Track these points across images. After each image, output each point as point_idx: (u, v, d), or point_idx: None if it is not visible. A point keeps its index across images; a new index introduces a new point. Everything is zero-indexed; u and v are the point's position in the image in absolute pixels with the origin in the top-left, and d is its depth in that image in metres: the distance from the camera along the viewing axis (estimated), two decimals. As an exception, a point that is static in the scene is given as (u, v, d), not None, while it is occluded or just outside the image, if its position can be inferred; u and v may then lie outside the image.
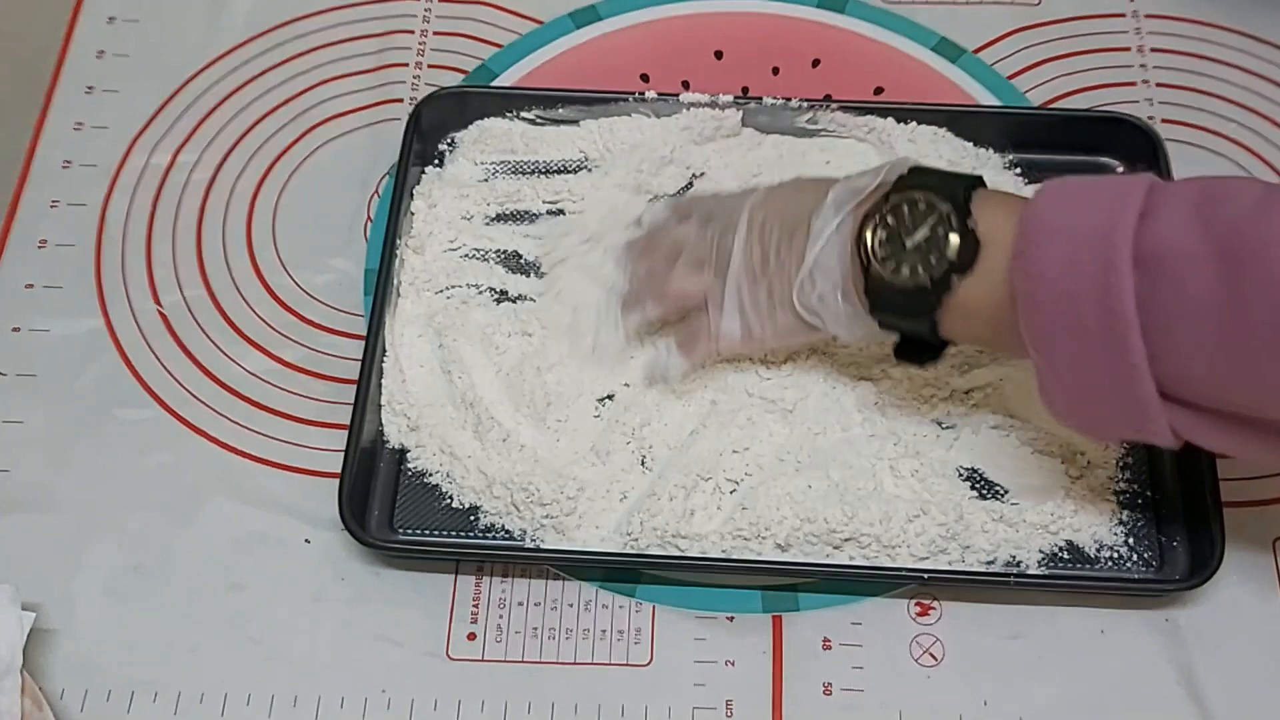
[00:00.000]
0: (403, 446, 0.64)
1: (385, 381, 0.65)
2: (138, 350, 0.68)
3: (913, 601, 0.60)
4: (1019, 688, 0.58)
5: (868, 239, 0.54)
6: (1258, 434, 0.49)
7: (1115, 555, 0.60)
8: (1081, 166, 0.70)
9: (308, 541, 0.62)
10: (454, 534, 0.62)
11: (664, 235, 0.64)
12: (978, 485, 0.62)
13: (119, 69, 0.77)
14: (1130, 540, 0.61)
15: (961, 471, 0.62)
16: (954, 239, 0.52)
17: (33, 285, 0.70)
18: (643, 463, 0.62)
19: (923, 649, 0.59)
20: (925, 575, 0.59)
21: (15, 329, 0.68)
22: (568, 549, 0.61)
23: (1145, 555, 0.60)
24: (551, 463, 0.62)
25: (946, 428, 0.63)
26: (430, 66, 0.77)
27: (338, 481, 0.60)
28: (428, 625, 0.60)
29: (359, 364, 0.64)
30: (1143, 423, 0.50)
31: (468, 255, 0.69)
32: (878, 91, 0.75)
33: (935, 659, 0.59)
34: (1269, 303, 0.45)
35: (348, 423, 0.62)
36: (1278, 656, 0.59)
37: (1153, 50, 0.76)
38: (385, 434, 0.64)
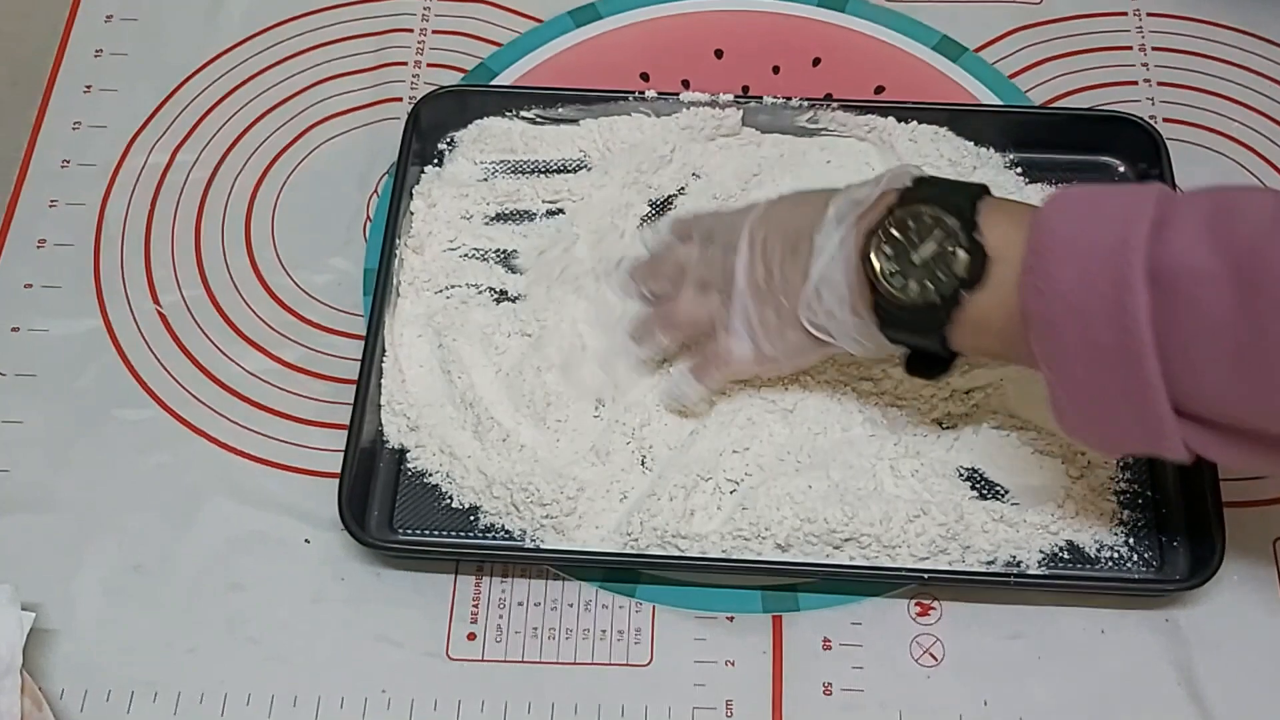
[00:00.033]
0: (402, 446, 0.64)
1: (385, 381, 0.65)
2: (137, 350, 0.68)
3: (913, 601, 0.60)
4: (1019, 688, 0.58)
5: (873, 256, 0.53)
6: (1273, 450, 0.48)
7: (1115, 555, 0.60)
8: (1083, 166, 0.70)
9: (307, 541, 0.62)
10: (454, 534, 0.62)
11: (666, 259, 0.63)
12: (978, 485, 0.62)
13: (117, 68, 0.77)
14: (1130, 540, 0.60)
15: (961, 471, 0.62)
16: (962, 255, 0.51)
17: (31, 285, 0.70)
18: (643, 463, 0.62)
19: (923, 649, 0.59)
20: (925, 575, 0.59)
21: (14, 329, 0.68)
22: (568, 549, 0.61)
23: (1145, 555, 0.60)
24: (551, 463, 0.62)
25: (946, 428, 0.63)
26: (429, 65, 0.77)
27: (337, 481, 0.60)
28: (428, 625, 0.60)
29: (358, 364, 0.64)
30: (1156, 439, 0.49)
31: (467, 255, 0.69)
32: (878, 90, 0.75)
33: (935, 659, 0.59)
34: None
35: (347, 423, 0.62)
36: (1278, 656, 0.59)
37: (1154, 49, 0.76)
38: (385, 434, 0.64)
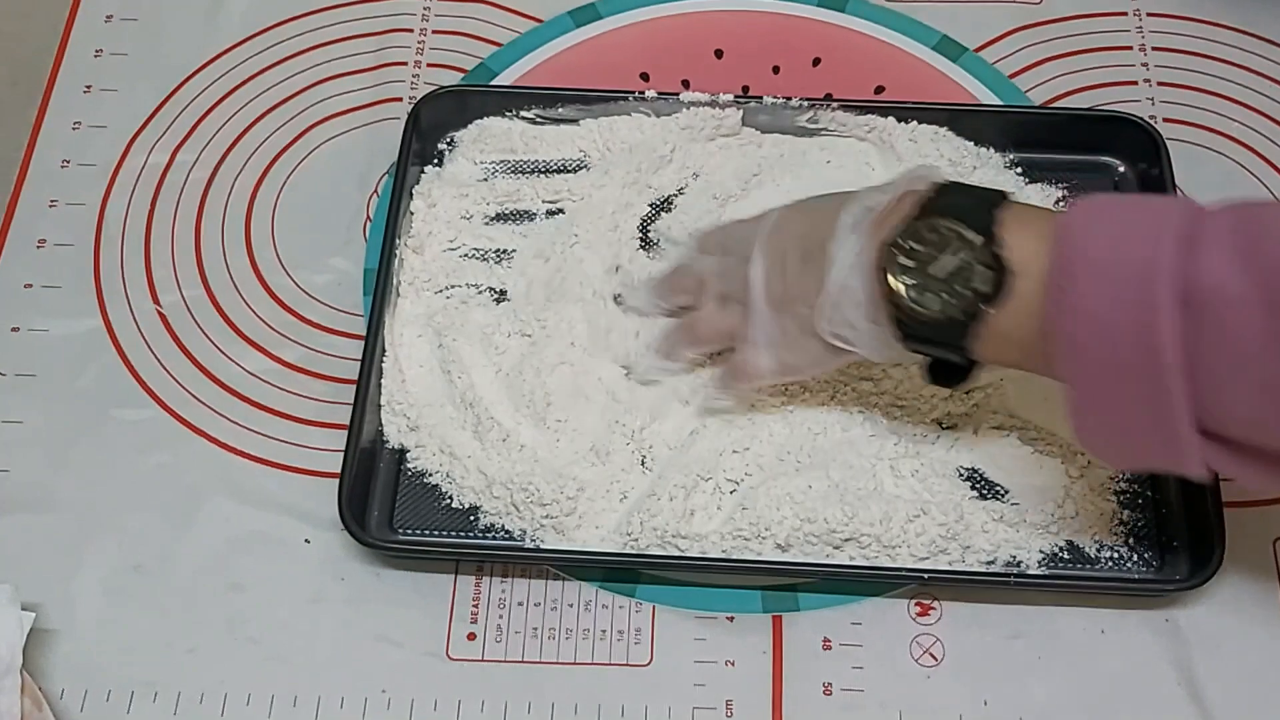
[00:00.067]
0: (402, 446, 0.64)
1: (385, 381, 0.65)
2: (137, 350, 0.68)
3: (913, 601, 0.60)
4: (1019, 688, 0.58)
5: (891, 271, 0.52)
6: None
7: (1115, 555, 0.60)
8: (1083, 166, 0.70)
9: (307, 541, 0.62)
10: (454, 534, 0.62)
11: (687, 272, 0.63)
12: (978, 485, 0.62)
13: (117, 68, 0.77)
14: (1130, 540, 0.60)
15: (961, 471, 0.62)
16: (984, 271, 0.50)
17: (31, 285, 0.70)
18: (643, 463, 0.62)
19: (923, 649, 0.59)
20: (925, 575, 0.59)
21: (14, 329, 0.68)
22: (568, 549, 0.61)
23: (1145, 555, 0.60)
24: (551, 463, 0.62)
25: (946, 428, 0.63)
26: (429, 65, 0.77)
27: (337, 481, 0.60)
28: (428, 625, 0.60)
29: (358, 364, 0.64)
30: (1177, 458, 0.48)
31: (467, 255, 0.69)
32: (878, 90, 0.75)
33: (935, 659, 0.59)
34: None
35: (347, 423, 0.62)
36: (1278, 656, 0.59)
37: (1154, 49, 0.76)
38: (385, 434, 0.64)
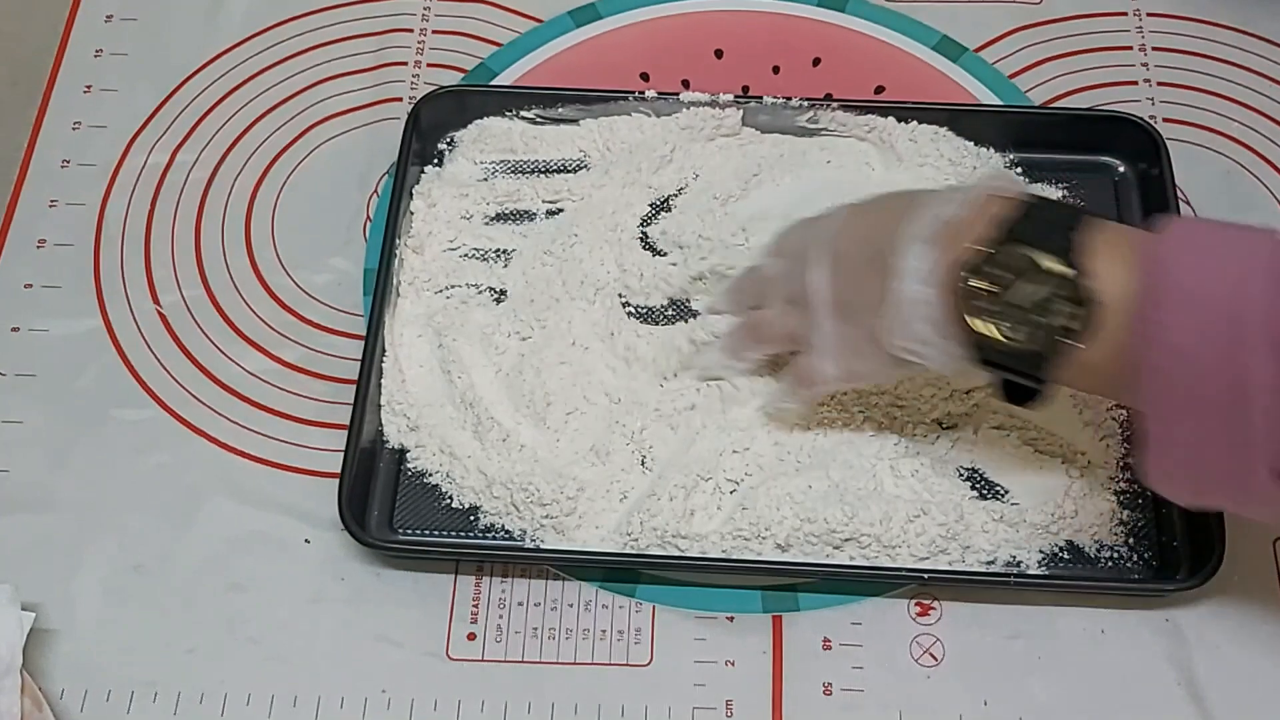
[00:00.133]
0: (402, 446, 0.64)
1: (385, 381, 0.65)
2: (137, 350, 0.68)
3: (913, 601, 0.60)
4: (1019, 688, 0.58)
5: (969, 293, 0.50)
6: None
7: (1115, 555, 0.60)
8: (1083, 166, 0.70)
9: (307, 542, 0.62)
10: (454, 534, 0.62)
11: (757, 273, 0.62)
12: (978, 485, 0.62)
13: (117, 68, 0.77)
14: (1130, 540, 0.60)
15: (961, 471, 0.62)
16: (1070, 306, 0.49)
17: (31, 285, 0.70)
18: (643, 463, 0.62)
19: (923, 649, 0.59)
20: (925, 575, 0.59)
21: (14, 329, 0.68)
22: (568, 549, 0.61)
23: (1145, 555, 0.60)
24: (551, 463, 0.62)
25: (946, 428, 0.63)
26: (429, 65, 0.77)
27: (337, 481, 0.60)
28: (428, 625, 0.60)
29: (358, 364, 0.64)
30: (1247, 500, 0.48)
31: (467, 255, 0.69)
32: (878, 90, 0.75)
33: (935, 659, 0.59)
34: None
35: (347, 423, 0.62)
36: (1278, 656, 0.58)
37: (1154, 49, 0.76)
38: (385, 434, 0.64)
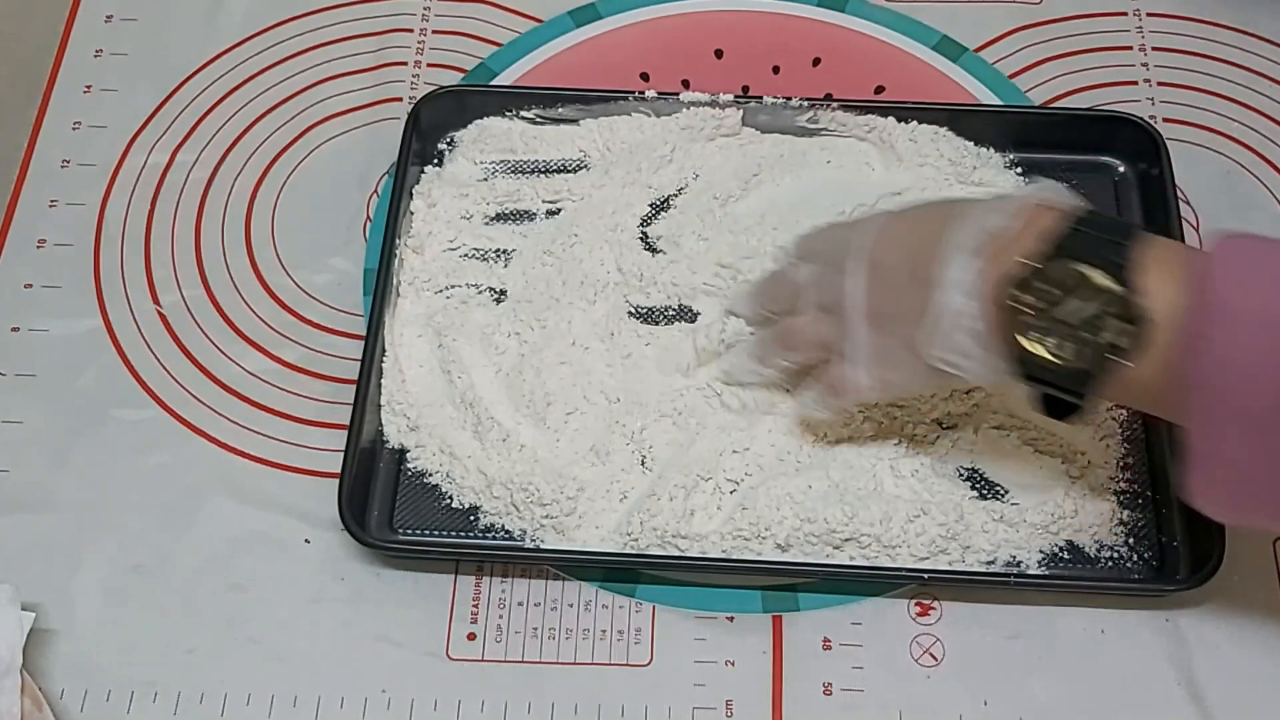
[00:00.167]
0: (402, 446, 0.64)
1: (385, 381, 0.65)
2: (137, 350, 0.68)
3: (913, 601, 0.60)
4: (1019, 688, 0.58)
5: (1016, 309, 0.49)
6: None
7: (1115, 555, 0.60)
8: (1083, 166, 0.70)
9: (307, 542, 0.62)
10: (454, 534, 0.62)
11: (783, 279, 0.61)
12: (978, 485, 0.62)
13: (117, 68, 0.77)
14: (1130, 540, 0.60)
15: (961, 471, 0.62)
16: (1122, 325, 0.48)
17: (31, 285, 0.70)
18: (643, 463, 0.62)
19: (923, 649, 0.59)
20: (925, 575, 0.59)
21: (14, 329, 0.68)
22: (568, 549, 0.61)
23: (1145, 555, 0.60)
24: (551, 463, 0.62)
25: (946, 428, 0.63)
26: (429, 65, 0.77)
27: (337, 481, 0.60)
28: (428, 625, 0.60)
29: (358, 364, 0.64)
30: None
31: (467, 255, 0.69)
32: (878, 90, 0.75)
33: (935, 659, 0.59)
34: None
35: (347, 423, 0.62)
36: (1278, 656, 0.59)
37: (1154, 49, 0.76)
38: (385, 434, 0.64)
